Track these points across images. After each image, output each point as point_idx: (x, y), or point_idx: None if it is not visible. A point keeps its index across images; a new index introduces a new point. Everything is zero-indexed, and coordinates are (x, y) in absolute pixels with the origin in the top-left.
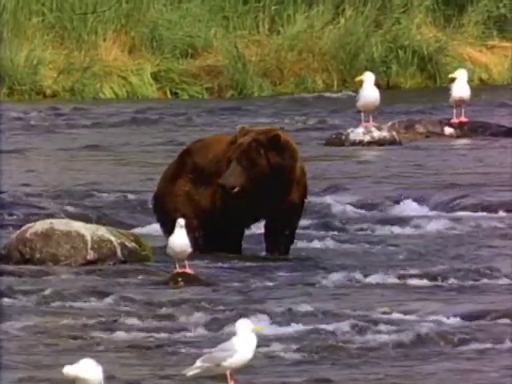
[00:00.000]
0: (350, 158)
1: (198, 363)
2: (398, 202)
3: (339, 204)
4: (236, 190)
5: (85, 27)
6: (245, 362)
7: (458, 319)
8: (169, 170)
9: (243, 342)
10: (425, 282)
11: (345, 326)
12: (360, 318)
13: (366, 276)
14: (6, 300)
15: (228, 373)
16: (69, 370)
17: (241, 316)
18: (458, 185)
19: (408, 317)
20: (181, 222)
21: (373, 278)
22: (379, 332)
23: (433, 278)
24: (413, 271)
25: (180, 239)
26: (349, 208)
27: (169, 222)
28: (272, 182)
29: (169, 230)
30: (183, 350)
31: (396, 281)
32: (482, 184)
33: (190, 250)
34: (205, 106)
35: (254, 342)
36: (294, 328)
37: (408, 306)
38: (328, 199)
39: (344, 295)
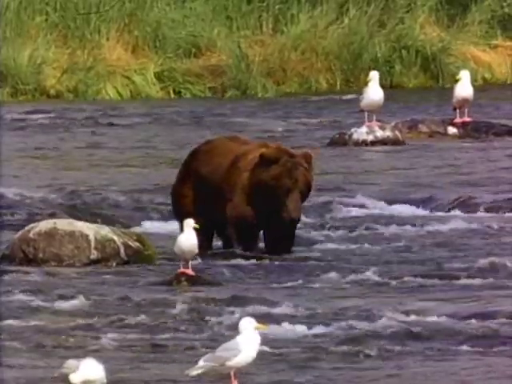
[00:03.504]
0: (354, 158)
1: (201, 363)
2: (400, 202)
3: (341, 203)
4: None
5: (88, 27)
6: (249, 361)
7: (458, 319)
8: (179, 171)
9: (247, 340)
10: (426, 281)
11: (346, 325)
12: (361, 317)
13: (366, 275)
14: (8, 299)
15: (232, 372)
16: (75, 377)
17: (243, 316)
18: (462, 184)
19: (408, 316)
20: (189, 222)
21: (373, 278)
22: (379, 332)
23: (434, 277)
24: (413, 270)
25: (188, 239)
26: (351, 207)
27: (179, 220)
28: None
29: (181, 228)
30: (186, 350)
31: (397, 280)
32: (485, 184)
33: (197, 250)
34: (208, 105)
35: (257, 340)
36: (296, 328)
37: (409, 305)
38: (330, 198)
39: (345, 295)
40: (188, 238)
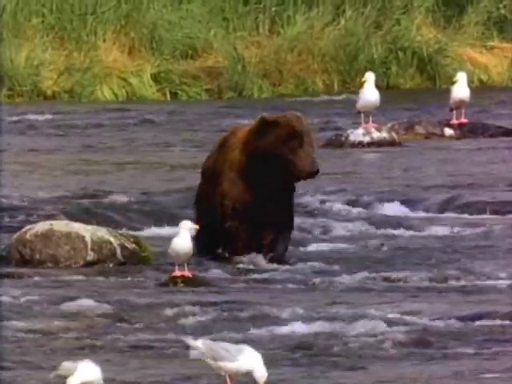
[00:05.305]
0: (350, 159)
1: (200, 344)
2: (397, 203)
3: (338, 205)
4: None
5: (84, 28)
6: (241, 372)
7: (457, 319)
8: None
9: (249, 355)
10: (424, 282)
11: (345, 327)
12: (359, 318)
13: (364, 277)
14: (5, 301)
15: (227, 375)
16: (72, 379)
17: (240, 319)
18: (458, 186)
19: (408, 317)
20: (186, 224)
21: (371, 279)
22: (379, 333)
23: (432, 278)
24: (411, 272)
25: (183, 241)
26: (348, 209)
27: None
28: None
29: None
30: (182, 352)
31: (395, 281)
32: (481, 185)
33: (191, 252)
34: (204, 107)
35: (257, 358)
36: (294, 329)
37: (407, 306)
38: (327, 200)
39: (344, 296)
40: (183, 240)
